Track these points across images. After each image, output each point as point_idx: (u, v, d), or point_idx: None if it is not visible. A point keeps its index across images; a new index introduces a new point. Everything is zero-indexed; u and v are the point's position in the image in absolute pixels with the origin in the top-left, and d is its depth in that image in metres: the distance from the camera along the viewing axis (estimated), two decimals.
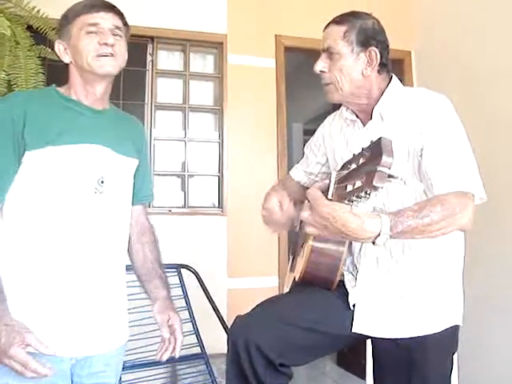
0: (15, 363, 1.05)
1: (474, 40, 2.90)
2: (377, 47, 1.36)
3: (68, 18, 1.26)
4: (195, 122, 3.37)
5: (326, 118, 1.69)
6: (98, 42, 1.21)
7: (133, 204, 1.40)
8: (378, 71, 1.38)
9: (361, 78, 1.37)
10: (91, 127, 1.27)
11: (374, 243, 1.03)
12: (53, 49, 2.59)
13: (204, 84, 3.48)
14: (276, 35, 3.42)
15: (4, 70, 2.38)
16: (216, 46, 3.36)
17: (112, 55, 1.23)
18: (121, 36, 1.27)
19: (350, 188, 0.91)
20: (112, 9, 1.27)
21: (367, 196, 0.88)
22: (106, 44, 1.21)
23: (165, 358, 1.32)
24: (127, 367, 1.37)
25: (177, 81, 3.39)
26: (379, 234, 1.01)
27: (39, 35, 2.62)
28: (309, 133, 2.02)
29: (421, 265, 1.36)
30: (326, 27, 1.42)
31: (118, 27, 1.26)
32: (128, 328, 1.37)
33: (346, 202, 0.95)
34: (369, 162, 0.87)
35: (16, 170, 1.19)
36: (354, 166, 0.93)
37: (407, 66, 3.61)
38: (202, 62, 3.48)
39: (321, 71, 1.40)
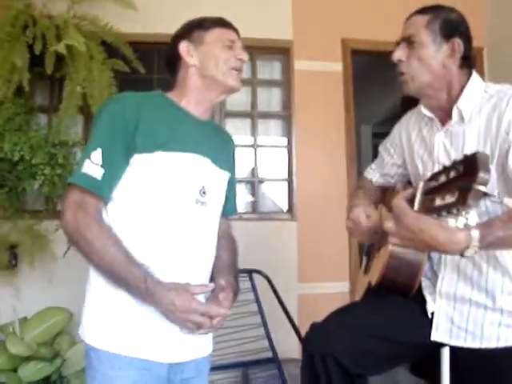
0: (197, 316, 1.13)
1: None
2: (461, 39, 1.31)
3: (203, 25, 1.35)
4: (263, 128, 3.41)
5: (395, 119, 1.65)
6: (235, 55, 1.33)
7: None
8: (460, 66, 1.33)
9: (441, 69, 1.32)
10: (196, 137, 1.30)
11: (462, 255, 1.01)
12: (125, 62, 2.73)
13: (271, 90, 3.51)
14: (342, 39, 3.39)
15: (79, 84, 2.53)
16: (282, 52, 3.39)
17: (241, 71, 1.35)
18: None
19: (439, 202, 0.89)
20: (238, 32, 1.39)
21: (459, 213, 0.86)
22: (241, 59, 1.34)
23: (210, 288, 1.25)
24: None
25: (244, 88, 3.43)
26: (468, 246, 0.99)
27: (111, 49, 2.76)
28: (378, 135, 1.98)
29: (507, 272, 1.29)
30: (407, 18, 1.38)
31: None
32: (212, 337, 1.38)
33: (435, 216, 0.93)
34: (462, 178, 0.84)
35: (124, 170, 1.21)
36: (443, 178, 0.90)
37: (479, 64, 3.46)
38: (269, 69, 3.51)
39: (399, 60, 1.36)
